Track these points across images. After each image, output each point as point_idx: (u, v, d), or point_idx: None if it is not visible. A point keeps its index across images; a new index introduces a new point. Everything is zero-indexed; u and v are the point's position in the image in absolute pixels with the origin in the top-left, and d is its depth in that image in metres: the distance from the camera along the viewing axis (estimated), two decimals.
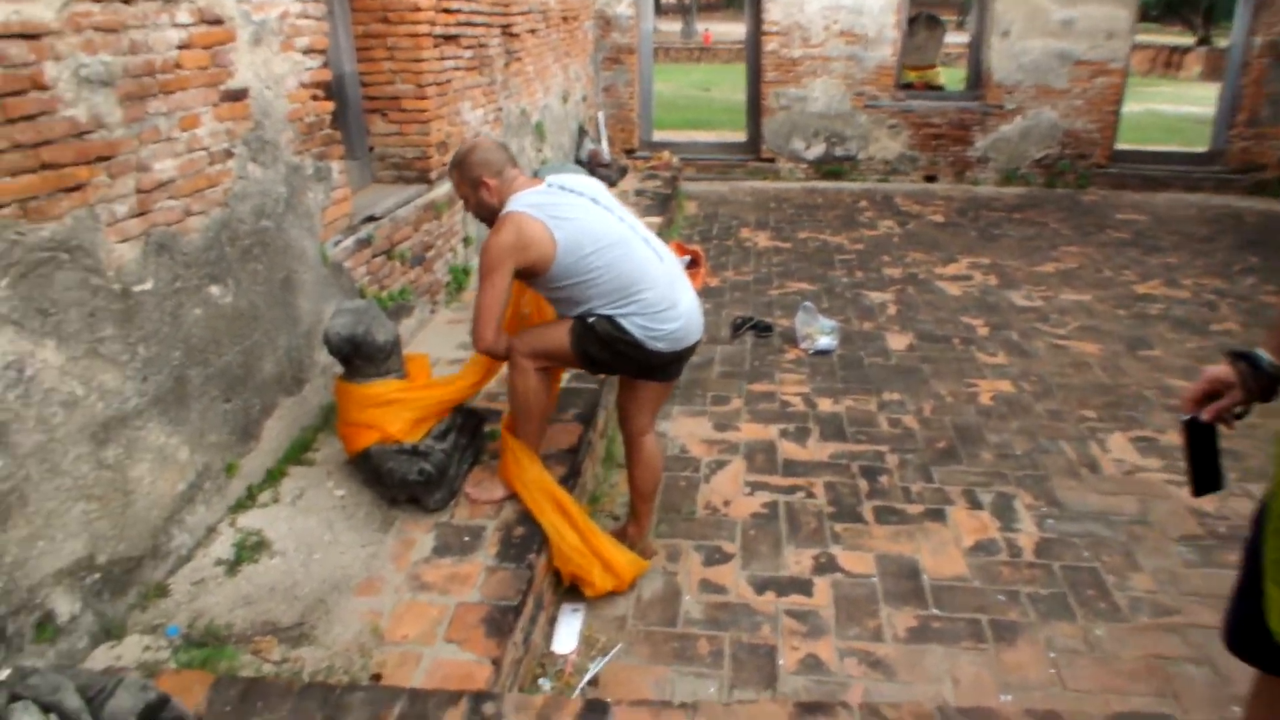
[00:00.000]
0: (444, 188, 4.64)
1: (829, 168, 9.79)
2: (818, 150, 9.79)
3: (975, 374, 4.70)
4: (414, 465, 2.69)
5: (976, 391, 4.49)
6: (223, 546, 2.61)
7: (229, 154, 2.70)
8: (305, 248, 3.17)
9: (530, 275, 2.60)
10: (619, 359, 2.67)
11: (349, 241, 3.57)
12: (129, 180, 2.29)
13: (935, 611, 2.84)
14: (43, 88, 2.01)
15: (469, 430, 3.01)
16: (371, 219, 3.84)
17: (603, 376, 3.47)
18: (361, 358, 2.74)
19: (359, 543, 2.66)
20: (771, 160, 9.83)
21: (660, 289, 2.64)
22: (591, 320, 2.62)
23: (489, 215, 2.66)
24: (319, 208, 3.29)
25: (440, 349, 4.14)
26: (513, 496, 2.85)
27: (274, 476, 2.96)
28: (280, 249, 2.99)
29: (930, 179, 9.84)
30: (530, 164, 6.39)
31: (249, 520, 2.73)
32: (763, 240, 7.28)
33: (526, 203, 2.57)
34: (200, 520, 2.61)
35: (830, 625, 2.78)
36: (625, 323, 2.60)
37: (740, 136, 10.66)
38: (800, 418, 4.18)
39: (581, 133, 7.84)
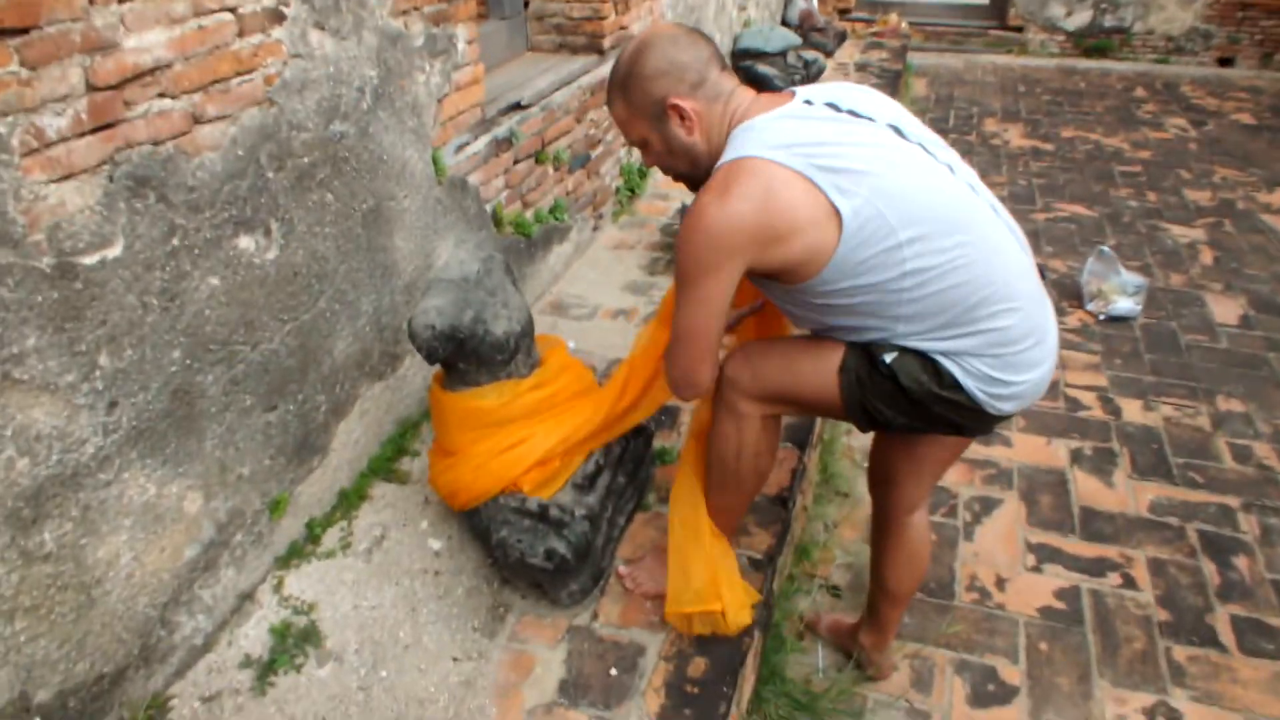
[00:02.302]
0: None
1: (1093, 41, 7.80)
2: (1081, 19, 7.79)
3: None
4: (540, 543, 1.70)
5: None
6: (257, 631, 1.74)
7: (275, 17, 1.65)
8: (407, 159, 2.13)
9: (783, 279, 1.43)
10: (925, 420, 1.51)
11: (479, 144, 2.51)
12: (70, 71, 1.28)
13: None
14: None
15: (631, 461, 1.98)
16: (518, 107, 2.76)
17: None
18: (470, 359, 1.72)
19: (450, 651, 1.72)
20: (1019, 29, 7.92)
21: (1029, 310, 1.44)
22: (890, 359, 1.46)
23: (692, 169, 1.49)
24: (432, 98, 2.22)
25: (601, 290, 3.09)
26: None
27: (349, 501, 2.05)
28: (365, 166, 1.97)
29: (1225, 62, 7.68)
30: (731, 27, 5.05)
31: (300, 583, 1.85)
32: (1015, 138, 5.69)
33: (773, 140, 1.36)
34: (226, 589, 1.74)
35: None
36: (955, 368, 1.43)
37: None
38: (1099, 430, 2.90)
39: None
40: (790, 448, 2.27)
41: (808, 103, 1.44)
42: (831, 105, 1.43)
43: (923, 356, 1.43)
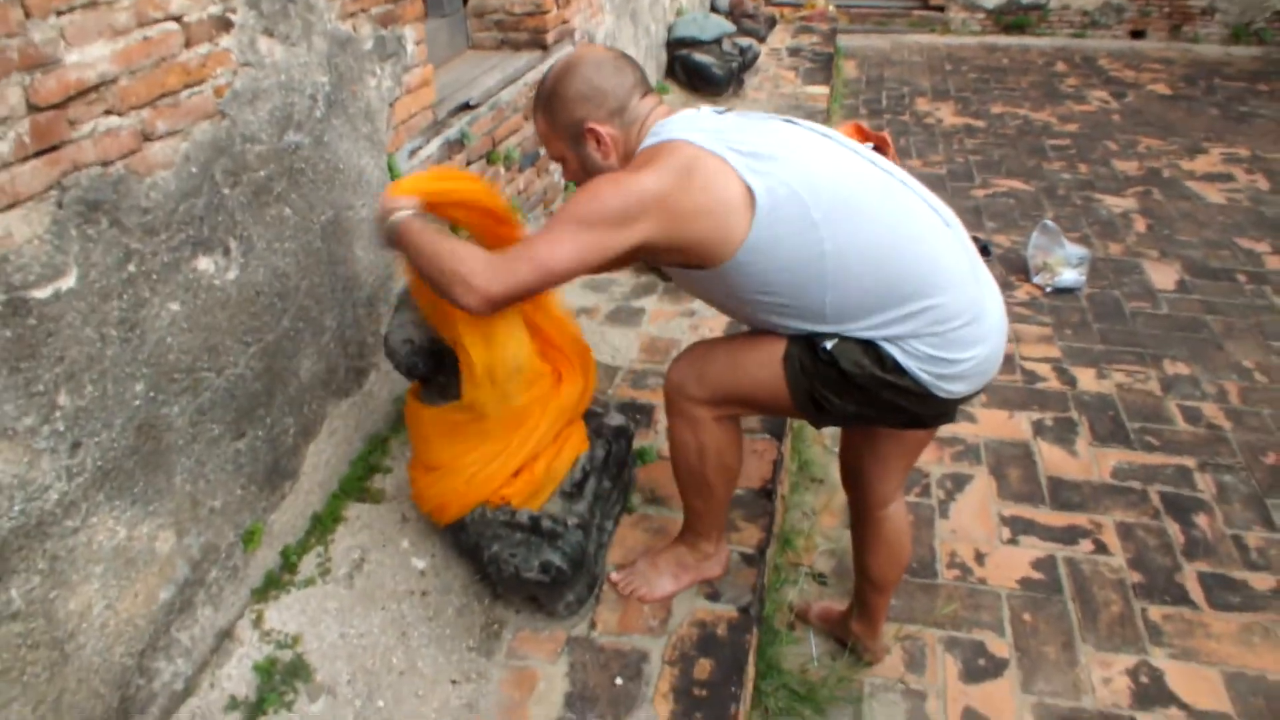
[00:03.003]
0: (563, 54, 3.40)
1: (1012, 19, 7.99)
2: None
3: None
4: (534, 556, 1.65)
5: None
6: (240, 670, 1.66)
7: (223, 25, 1.57)
8: (363, 166, 2.05)
9: (702, 262, 1.42)
10: (877, 410, 1.51)
11: (431, 147, 2.44)
12: (9, 90, 1.19)
13: None
14: None
15: (614, 464, 1.94)
16: (467, 107, 2.68)
17: None
18: (450, 372, 1.66)
19: (448, 673, 1.67)
20: (941, 9, 8.07)
21: (959, 286, 1.44)
22: (830, 345, 1.46)
23: None
24: (384, 102, 2.14)
25: (562, 289, 3.03)
26: (689, 587, 1.82)
27: (323, 526, 1.97)
28: (321, 176, 1.89)
29: (1137, 34, 7.95)
30: (665, 16, 5.02)
31: (280, 615, 1.77)
32: (948, 116, 5.79)
33: (689, 126, 1.42)
34: (204, 629, 1.66)
35: None
36: (897, 353, 1.43)
37: None
38: (1057, 400, 2.97)
39: None
40: (768, 439, 2.27)
41: (718, 111, 1.51)
42: (731, 111, 1.50)
43: (863, 341, 1.44)
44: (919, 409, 1.50)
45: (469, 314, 1.43)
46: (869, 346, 1.44)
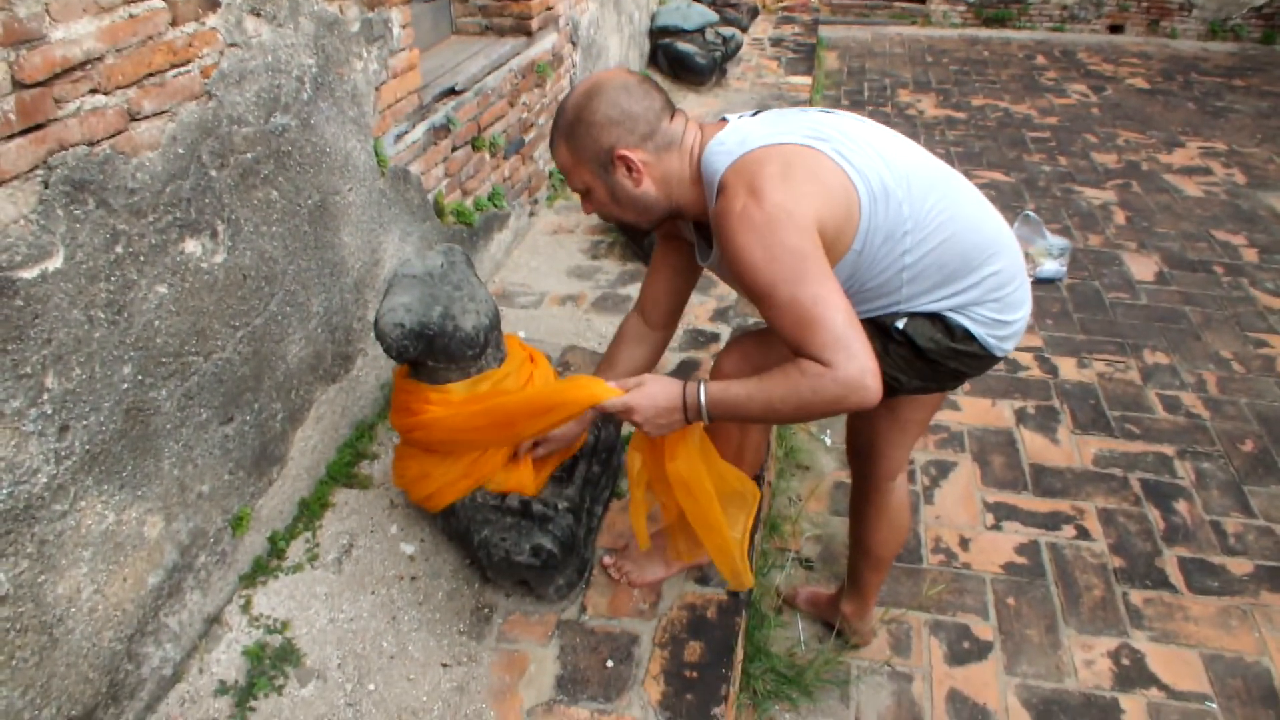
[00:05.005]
0: (548, 41, 3.39)
1: (992, 12, 8.04)
2: None
3: (1259, 324, 3.40)
4: (525, 540, 1.65)
5: (1272, 354, 3.22)
6: (229, 655, 1.65)
7: (209, 4, 1.55)
8: (350, 151, 2.04)
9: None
10: (937, 378, 1.52)
11: (417, 132, 2.42)
12: None
13: None
14: None
15: (604, 449, 1.94)
16: (452, 92, 2.67)
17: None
18: (440, 356, 1.65)
19: (438, 657, 1.67)
20: (922, 1, 8.09)
21: (1011, 251, 1.48)
22: (902, 325, 1.45)
23: (640, 217, 1.44)
24: (371, 85, 2.12)
25: (545, 277, 3.03)
26: (679, 572, 1.83)
27: (311, 511, 1.96)
28: (308, 159, 1.87)
29: (1115, 29, 8.02)
30: (648, 4, 5.00)
31: (269, 600, 1.76)
32: (929, 107, 5.82)
33: (755, 133, 1.34)
34: (192, 614, 1.64)
35: None
36: (966, 320, 1.44)
37: None
38: (1039, 389, 3.00)
39: None
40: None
41: (751, 115, 1.45)
42: (768, 110, 1.46)
43: (930, 315, 1.44)
44: (975, 370, 1.53)
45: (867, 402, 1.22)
46: (936, 319, 1.45)
